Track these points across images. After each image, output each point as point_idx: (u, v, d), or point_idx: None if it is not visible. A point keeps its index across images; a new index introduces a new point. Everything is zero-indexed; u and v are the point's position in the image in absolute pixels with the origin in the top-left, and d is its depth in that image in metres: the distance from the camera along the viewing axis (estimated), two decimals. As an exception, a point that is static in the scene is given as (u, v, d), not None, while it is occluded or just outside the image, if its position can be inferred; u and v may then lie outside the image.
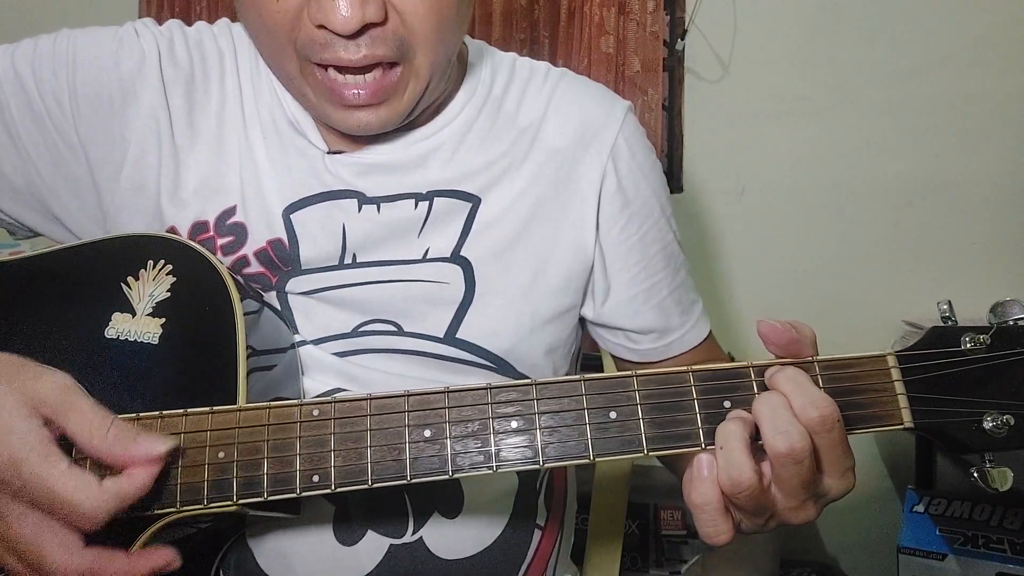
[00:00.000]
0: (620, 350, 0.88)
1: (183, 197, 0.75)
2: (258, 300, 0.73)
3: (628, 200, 0.81)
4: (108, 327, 0.66)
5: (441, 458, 0.57)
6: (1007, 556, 1.54)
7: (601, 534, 1.08)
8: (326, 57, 0.65)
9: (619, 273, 0.82)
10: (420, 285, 0.76)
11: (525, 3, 1.99)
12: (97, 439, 0.55)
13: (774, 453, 0.53)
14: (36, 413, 0.55)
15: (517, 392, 0.58)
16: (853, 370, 0.57)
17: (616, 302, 0.83)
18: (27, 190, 0.76)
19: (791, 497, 0.55)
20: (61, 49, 0.74)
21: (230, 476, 0.58)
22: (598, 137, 0.81)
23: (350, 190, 0.76)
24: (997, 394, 0.56)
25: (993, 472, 0.56)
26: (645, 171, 0.83)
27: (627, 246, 0.82)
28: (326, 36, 0.64)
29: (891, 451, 1.94)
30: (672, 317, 0.85)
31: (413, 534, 0.75)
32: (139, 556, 0.56)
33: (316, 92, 0.68)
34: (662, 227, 0.84)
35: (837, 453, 0.55)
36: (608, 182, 0.80)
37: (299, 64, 0.67)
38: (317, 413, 0.59)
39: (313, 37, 0.64)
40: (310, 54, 0.65)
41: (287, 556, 0.73)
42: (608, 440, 0.57)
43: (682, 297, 0.87)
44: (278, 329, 0.74)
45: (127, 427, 0.56)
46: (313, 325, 0.75)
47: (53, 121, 0.74)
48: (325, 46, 0.64)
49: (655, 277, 0.84)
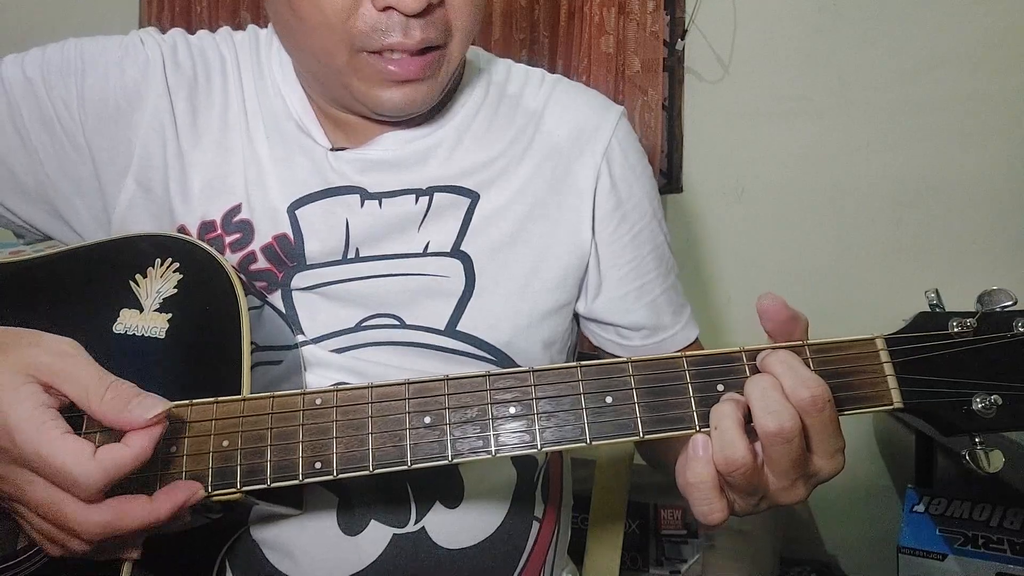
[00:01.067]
0: (610, 346, 0.90)
1: (190, 197, 0.77)
2: (260, 299, 0.75)
3: (621, 200, 0.84)
4: (116, 323, 0.67)
5: (441, 444, 0.58)
6: (1007, 556, 1.54)
7: (601, 534, 1.08)
8: (387, 42, 0.69)
9: (611, 270, 0.84)
10: (421, 279, 0.77)
11: (525, 3, 2.00)
12: (94, 402, 0.55)
13: (764, 433, 0.55)
14: (33, 380, 0.55)
15: (515, 379, 0.59)
16: (843, 353, 0.59)
17: (608, 298, 0.85)
18: (36, 190, 0.79)
19: (781, 477, 0.57)
20: (69, 56, 0.77)
21: (234, 464, 0.59)
22: (593, 138, 0.83)
23: (352, 186, 0.78)
24: (984, 375, 0.58)
25: (983, 453, 0.57)
26: (637, 173, 0.86)
27: (620, 244, 0.84)
28: (388, 20, 0.68)
29: (891, 451, 1.94)
30: (663, 316, 0.88)
31: (416, 523, 0.76)
32: (160, 496, 0.56)
33: (363, 78, 0.72)
34: (653, 228, 0.87)
35: (828, 433, 0.56)
36: (603, 182, 0.83)
37: (348, 56, 0.70)
38: (320, 402, 0.60)
39: (375, 23, 0.68)
40: (368, 42, 0.69)
41: (291, 547, 0.74)
42: (604, 424, 0.58)
43: (673, 299, 0.89)
44: (280, 327, 0.75)
45: (125, 389, 0.56)
46: (317, 322, 0.76)
47: (62, 124, 0.77)
48: (386, 31, 0.68)
49: (647, 276, 0.86)
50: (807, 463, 0.57)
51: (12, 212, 0.80)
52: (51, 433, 0.53)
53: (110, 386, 0.55)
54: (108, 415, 0.55)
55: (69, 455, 0.53)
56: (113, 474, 0.53)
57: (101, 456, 0.53)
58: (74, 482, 0.53)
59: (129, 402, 0.55)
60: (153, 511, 0.55)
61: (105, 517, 0.54)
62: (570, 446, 0.58)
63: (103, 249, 0.73)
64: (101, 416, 0.55)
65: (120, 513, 0.55)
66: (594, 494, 1.11)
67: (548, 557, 0.86)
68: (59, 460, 0.52)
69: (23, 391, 0.54)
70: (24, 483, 0.54)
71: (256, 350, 0.68)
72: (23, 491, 0.55)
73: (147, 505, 0.55)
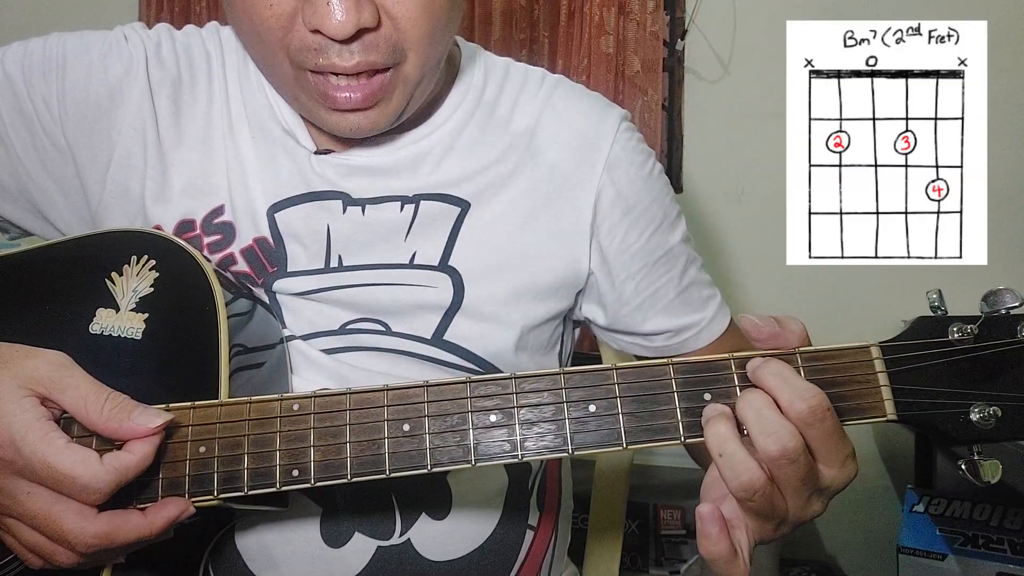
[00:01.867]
0: (637, 349, 0.88)
1: (169, 197, 0.75)
2: (250, 298, 0.73)
3: (629, 208, 0.80)
4: (92, 323, 0.66)
5: (420, 452, 0.57)
6: (1007, 556, 1.53)
7: (601, 534, 1.07)
8: (320, 63, 0.65)
9: (625, 283, 0.82)
10: (407, 289, 0.76)
11: (525, 3, 1.99)
12: (93, 413, 0.56)
13: (768, 456, 0.52)
14: (32, 392, 0.56)
15: (496, 386, 0.58)
16: (836, 361, 0.57)
17: (627, 311, 0.83)
18: (16, 189, 0.77)
19: (795, 496, 0.54)
20: (51, 52, 0.75)
21: (211, 471, 0.59)
22: (593, 149, 0.80)
23: (335, 191, 0.76)
24: (984, 385, 0.56)
25: (982, 464, 0.55)
26: (644, 177, 0.82)
27: (629, 254, 0.81)
28: (320, 41, 0.64)
29: (891, 451, 1.93)
30: (683, 317, 0.85)
31: (401, 536, 0.75)
32: (153, 510, 0.57)
33: (309, 96, 0.68)
34: (665, 231, 0.83)
35: (833, 442, 0.54)
36: (605, 194, 0.79)
37: (292, 70, 0.67)
38: (297, 408, 0.59)
39: (307, 43, 0.64)
40: (303, 60, 0.65)
41: (274, 558, 0.73)
42: (587, 434, 0.57)
43: (692, 296, 0.85)
44: (269, 325, 0.74)
45: (123, 401, 0.57)
46: (301, 321, 0.75)
47: (42, 122, 0.75)
48: (319, 51, 0.64)
49: (659, 282, 0.83)
50: (817, 477, 0.54)
51: None
52: (58, 442, 0.55)
53: (109, 397, 0.57)
54: (110, 424, 0.56)
55: (77, 462, 0.54)
56: (121, 478, 0.55)
57: (107, 461, 0.55)
58: (83, 487, 0.54)
59: (131, 412, 0.57)
60: (147, 525, 0.56)
61: (102, 529, 0.55)
62: (552, 456, 0.57)
63: (78, 246, 0.72)
64: (101, 426, 0.56)
65: (115, 526, 0.56)
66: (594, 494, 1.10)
67: (544, 564, 0.85)
68: (66, 467, 0.54)
69: (24, 403, 0.56)
70: (23, 494, 0.55)
71: (244, 352, 0.67)
72: (20, 502, 0.55)
73: (141, 519, 0.57)
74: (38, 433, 0.55)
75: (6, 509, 0.56)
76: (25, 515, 0.56)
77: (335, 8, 0.61)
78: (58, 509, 0.55)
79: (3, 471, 0.55)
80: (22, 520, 0.56)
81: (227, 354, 0.64)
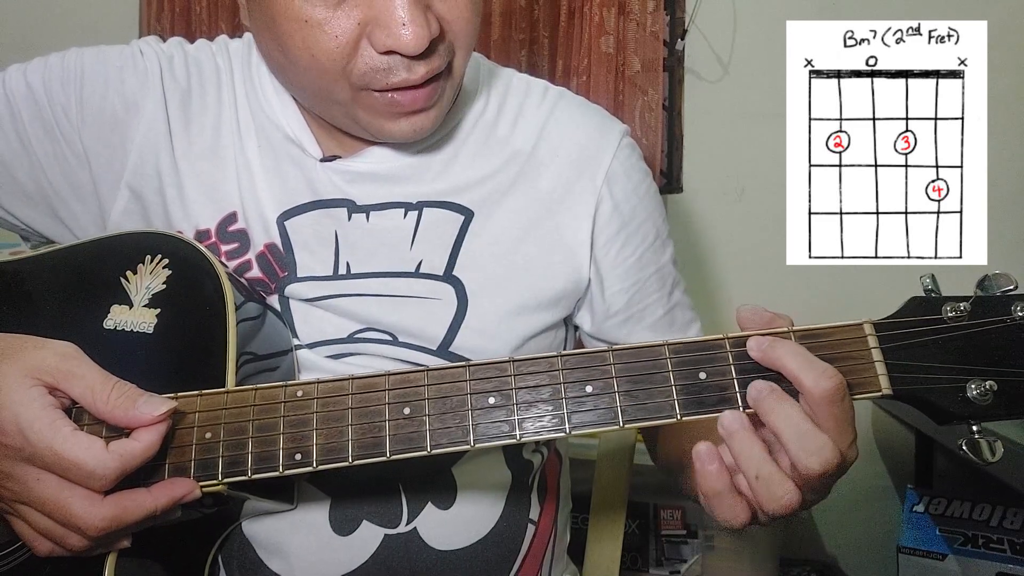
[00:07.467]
0: None
1: (187, 205, 0.78)
2: (261, 304, 0.75)
3: (624, 222, 0.83)
4: (107, 318, 0.69)
5: (420, 434, 0.58)
6: (1007, 556, 1.53)
7: (601, 534, 1.08)
8: (391, 82, 0.67)
9: (616, 295, 0.84)
10: (413, 300, 0.77)
11: (525, 3, 1.99)
12: (100, 402, 0.58)
13: (807, 472, 0.53)
14: (40, 382, 0.58)
15: (495, 369, 0.59)
16: (830, 339, 0.57)
17: (613, 323, 0.85)
18: (38, 195, 0.80)
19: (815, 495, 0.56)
20: (70, 65, 0.79)
21: (216, 455, 0.60)
22: (593, 162, 0.82)
23: (341, 198, 0.78)
24: (979, 362, 0.56)
25: (983, 443, 0.56)
26: (640, 194, 0.84)
27: (623, 268, 0.83)
28: (390, 61, 0.66)
29: (891, 451, 1.93)
30: (666, 336, 0.85)
31: (407, 524, 0.77)
32: (159, 489, 0.59)
33: (369, 111, 0.70)
34: (657, 249, 0.86)
35: (847, 422, 0.55)
36: (604, 206, 0.81)
37: (351, 92, 0.69)
38: (301, 394, 0.61)
39: (373, 65, 0.66)
40: (370, 82, 0.67)
41: (283, 546, 0.75)
42: (584, 413, 0.58)
43: (677, 317, 0.89)
44: (279, 332, 0.76)
45: (129, 390, 0.59)
46: (310, 328, 0.76)
47: (61, 130, 0.78)
48: (388, 71, 0.66)
49: (649, 299, 0.86)
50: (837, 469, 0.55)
51: (13, 215, 0.82)
52: (64, 430, 0.56)
53: (115, 386, 0.59)
54: (116, 413, 0.58)
55: (83, 449, 0.56)
56: (126, 465, 0.57)
57: (113, 448, 0.56)
58: (90, 474, 0.56)
59: (136, 400, 0.58)
60: (154, 503, 0.58)
61: (110, 512, 0.57)
62: (550, 436, 0.58)
63: (95, 247, 0.75)
64: (108, 414, 0.58)
65: (123, 507, 0.57)
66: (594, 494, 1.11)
67: (545, 560, 0.86)
68: (73, 454, 0.56)
69: (32, 392, 0.57)
70: (32, 481, 0.57)
71: (255, 359, 0.69)
72: (30, 489, 0.57)
73: (147, 496, 0.58)
74: (45, 421, 0.56)
75: (17, 495, 0.58)
76: (35, 501, 0.57)
77: (408, 27, 0.63)
78: (66, 495, 0.56)
79: (13, 458, 0.57)
80: (33, 506, 0.58)
81: (235, 345, 0.66)
